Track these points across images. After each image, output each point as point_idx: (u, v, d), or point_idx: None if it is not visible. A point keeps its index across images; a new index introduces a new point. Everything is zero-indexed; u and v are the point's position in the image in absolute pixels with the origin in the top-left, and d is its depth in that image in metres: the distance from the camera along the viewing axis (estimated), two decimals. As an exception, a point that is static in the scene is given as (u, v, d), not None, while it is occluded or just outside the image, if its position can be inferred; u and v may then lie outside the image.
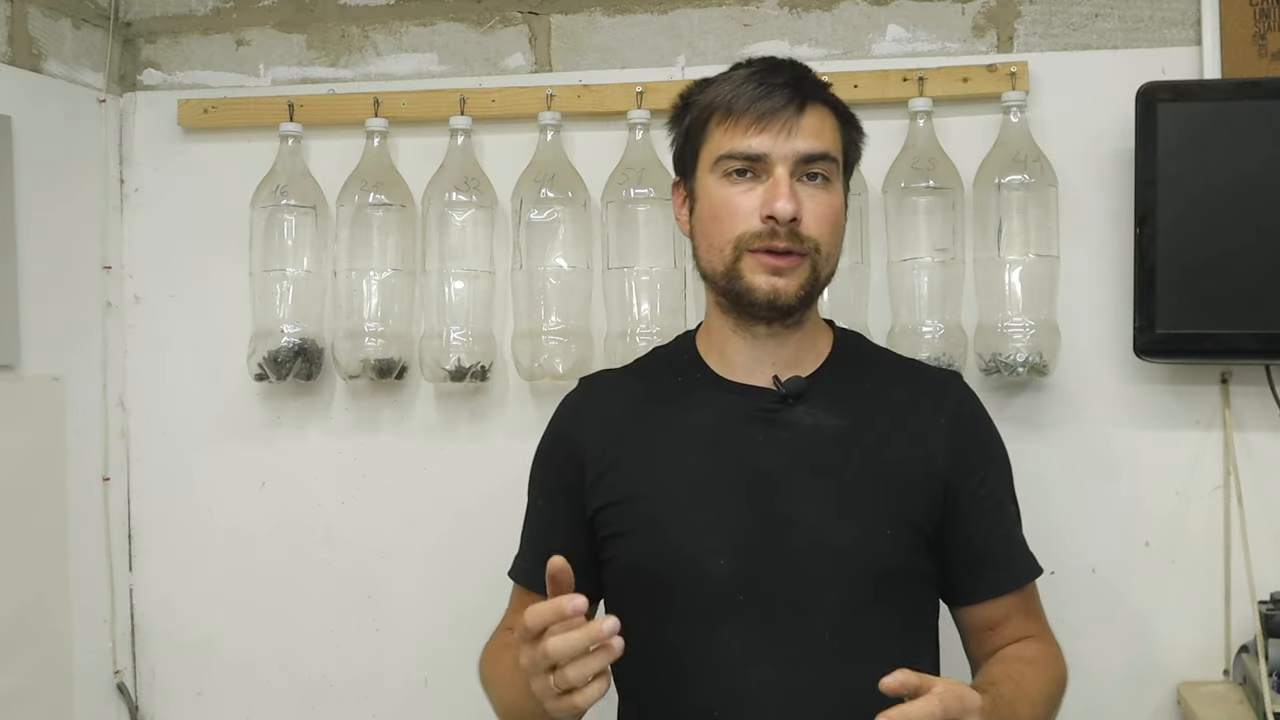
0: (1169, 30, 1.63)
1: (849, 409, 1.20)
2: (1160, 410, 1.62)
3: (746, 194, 1.16)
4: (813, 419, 1.19)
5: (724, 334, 1.23)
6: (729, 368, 1.23)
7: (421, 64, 1.81)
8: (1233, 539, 1.59)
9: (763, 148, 1.15)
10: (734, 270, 1.17)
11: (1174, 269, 1.52)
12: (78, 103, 1.79)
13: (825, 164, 1.17)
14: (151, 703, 1.86)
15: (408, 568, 1.79)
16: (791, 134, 1.15)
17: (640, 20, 1.76)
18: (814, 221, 1.16)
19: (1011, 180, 1.58)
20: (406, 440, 1.79)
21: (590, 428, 1.26)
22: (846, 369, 1.25)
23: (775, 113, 1.15)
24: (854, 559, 1.15)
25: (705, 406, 1.21)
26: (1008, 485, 1.27)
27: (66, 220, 1.76)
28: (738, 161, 1.17)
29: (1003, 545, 1.24)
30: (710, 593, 1.14)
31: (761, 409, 1.20)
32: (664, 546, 1.17)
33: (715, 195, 1.18)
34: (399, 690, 1.79)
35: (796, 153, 1.15)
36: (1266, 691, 1.43)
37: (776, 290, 1.16)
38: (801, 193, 1.16)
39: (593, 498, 1.22)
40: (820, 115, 1.18)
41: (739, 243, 1.16)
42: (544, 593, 1.23)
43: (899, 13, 1.69)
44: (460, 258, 1.70)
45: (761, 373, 1.22)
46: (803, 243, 1.16)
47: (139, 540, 1.86)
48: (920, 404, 1.23)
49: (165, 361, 1.85)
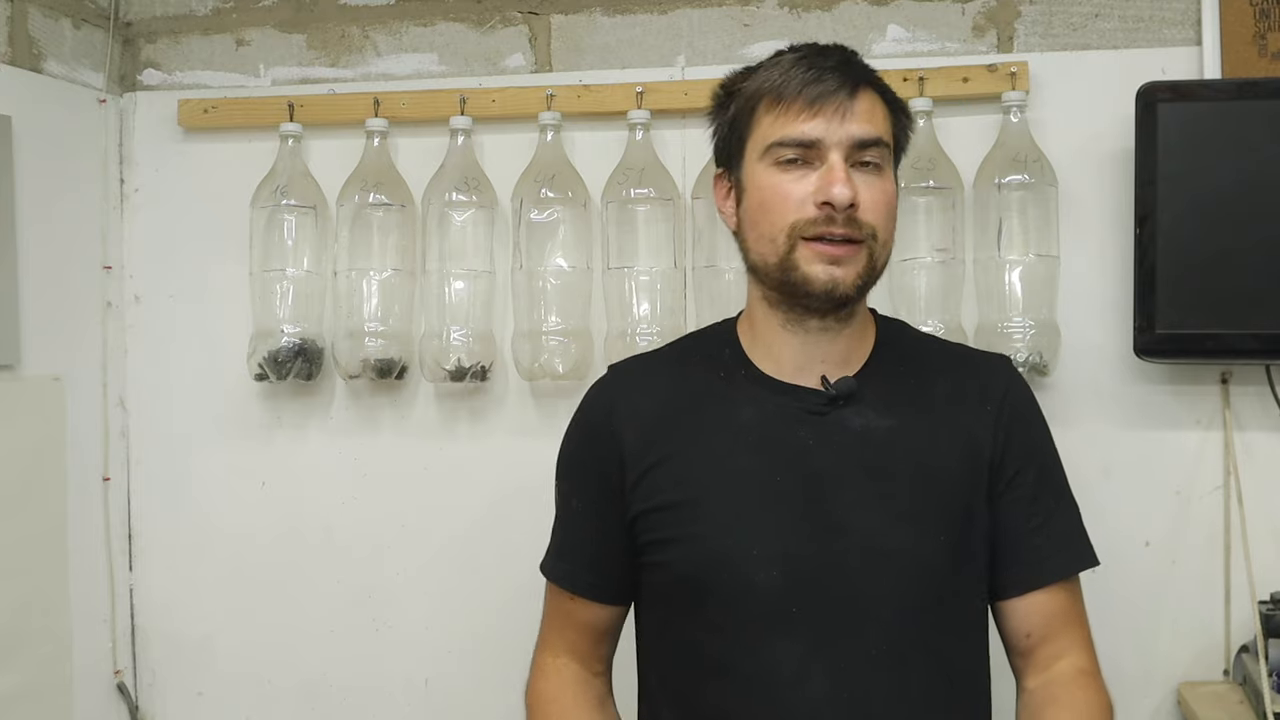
0: (1169, 30, 1.63)
1: (896, 408, 1.16)
2: (1160, 410, 1.62)
3: (799, 181, 1.11)
4: (862, 420, 1.14)
5: (771, 329, 1.18)
6: (776, 365, 1.18)
7: (421, 64, 1.81)
8: (1233, 539, 1.59)
9: (816, 133, 1.10)
10: (789, 261, 1.11)
11: (1174, 269, 1.52)
12: (78, 103, 1.79)
13: (878, 150, 1.13)
14: (151, 703, 1.86)
15: (408, 568, 1.79)
16: (845, 118, 1.10)
17: (640, 20, 1.76)
18: (870, 208, 1.11)
19: (1011, 180, 1.58)
20: (406, 440, 1.79)
21: (627, 420, 1.19)
22: (892, 364, 1.20)
23: (828, 96, 1.10)
24: (908, 567, 1.10)
25: (752, 405, 1.16)
26: (1049, 476, 1.21)
27: (66, 220, 1.76)
28: (790, 149, 1.11)
29: (1034, 539, 1.17)
30: (763, 605, 1.10)
31: (810, 410, 1.14)
32: (714, 556, 1.12)
33: (766, 184, 1.13)
34: (399, 690, 1.79)
35: (851, 138, 1.10)
36: (1266, 691, 1.43)
37: (835, 280, 1.10)
38: (856, 179, 1.11)
39: (636, 499, 1.17)
40: (872, 100, 1.14)
41: (793, 231, 1.10)
42: (588, 596, 1.23)
43: (899, 13, 1.69)
44: (460, 258, 1.70)
45: (810, 370, 1.16)
46: (860, 229, 1.10)
47: (139, 540, 1.86)
48: (967, 394, 1.19)
49: (165, 361, 1.85)
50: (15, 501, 1.64)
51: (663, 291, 1.66)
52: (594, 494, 1.21)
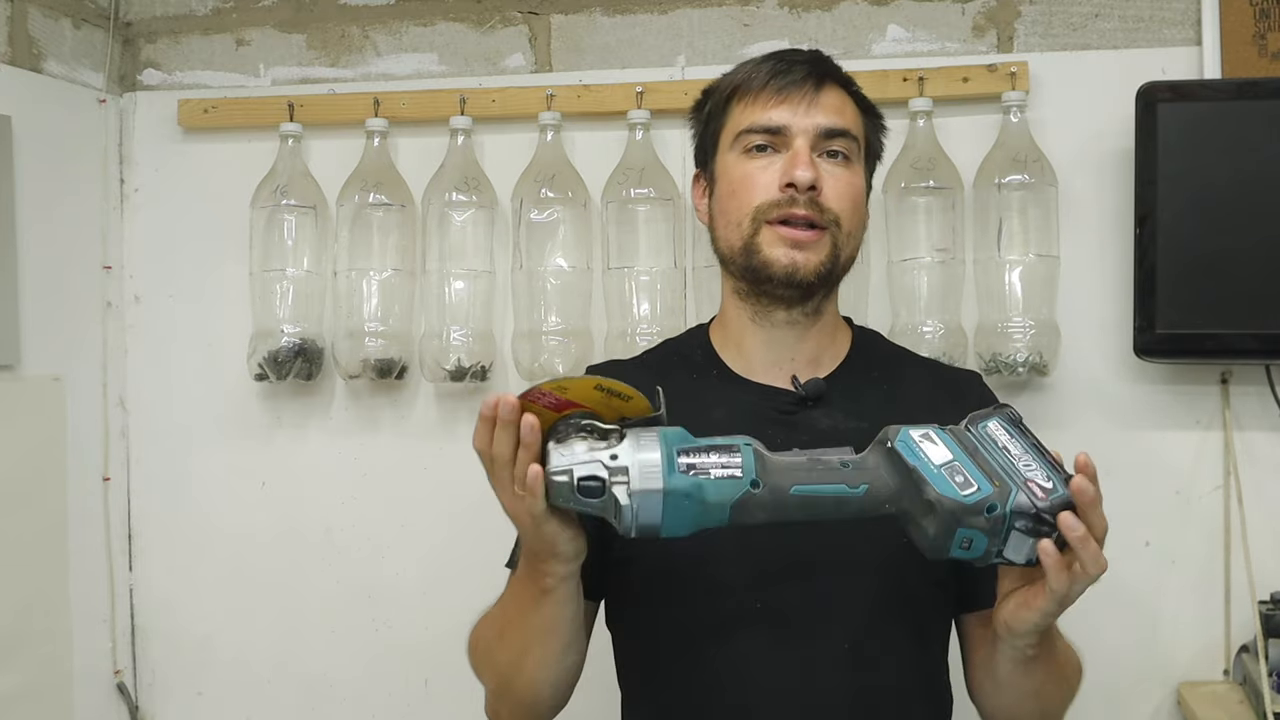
0: (1169, 30, 1.63)
1: (867, 412, 1.17)
2: (1160, 410, 1.62)
3: (766, 169, 1.15)
4: (830, 422, 1.16)
5: (741, 325, 1.21)
6: (746, 363, 1.20)
7: (421, 64, 1.81)
8: (1233, 539, 1.59)
9: (782, 119, 1.14)
10: (752, 244, 1.14)
11: (1174, 269, 1.52)
12: (78, 103, 1.79)
13: (846, 141, 1.16)
14: (151, 703, 1.86)
15: (408, 568, 1.79)
16: (811, 107, 1.15)
17: (640, 20, 1.76)
18: (834, 195, 1.14)
19: (1011, 180, 1.58)
20: (406, 440, 1.79)
21: None
22: (865, 370, 1.22)
23: (794, 86, 1.15)
24: (872, 569, 1.12)
25: (721, 406, 1.17)
26: None
27: (66, 220, 1.76)
28: (758, 135, 1.15)
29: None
30: (727, 601, 1.12)
31: (779, 410, 1.17)
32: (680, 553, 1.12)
33: (735, 172, 1.17)
34: (399, 690, 1.79)
35: (817, 126, 1.15)
36: (1266, 691, 1.43)
37: (795, 264, 1.13)
38: (822, 167, 1.14)
39: None
40: (840, 96, 1.18)
41: (757, 214, 1.14)
42: None
43: (899, 13, 1.69)
44: (460, 258, 1.70)
45: (779, 370, 1.19)
46: (823, 213, 1.13)
47: (139, 540, 1.86)
48: (939, 406, 1.18)
49: (165, 361, 1.85)
50: (15, 501, 1.64)
51: (663, 291, 1.66)
52: None
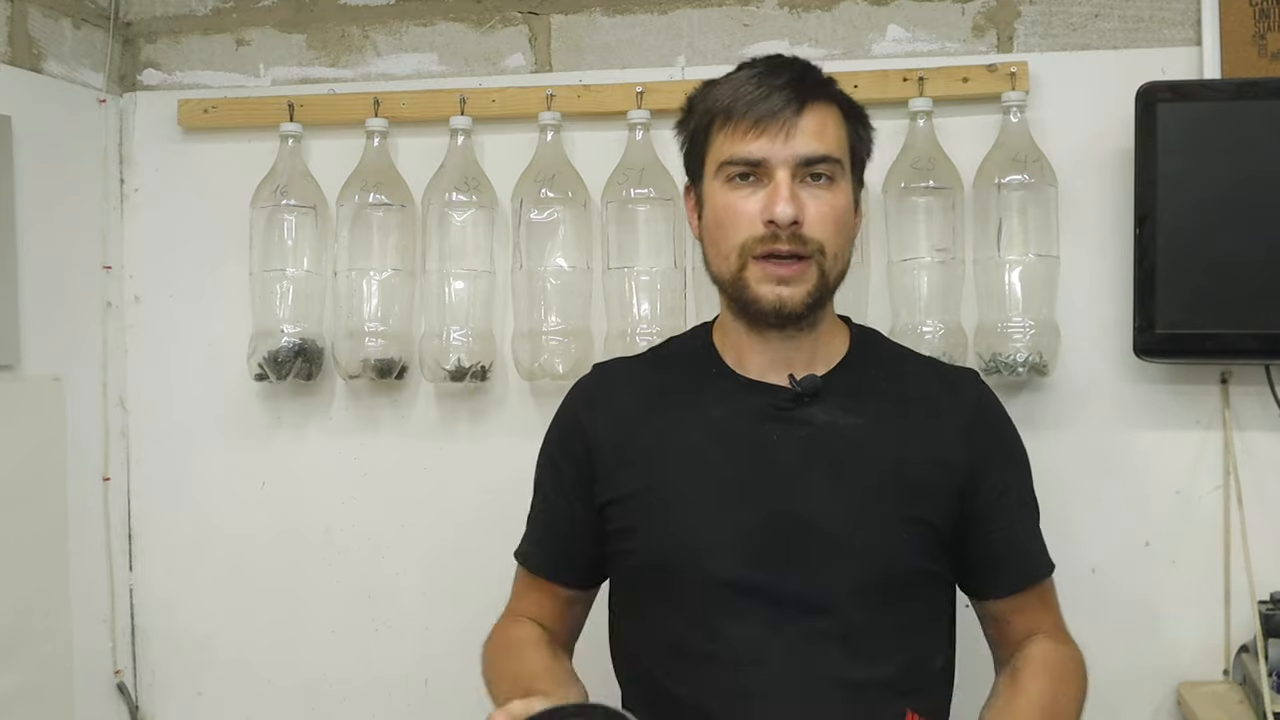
0: (1169, 30, 1.63)
1: (865, 408, 1.20)
2: (1160, 410, 1.62)
3: (749, 199, 1.16)
4: (828, 417, 1.19)
5: (738, 334, 1.23)
6: (745, 366, 1.23)
7: (421, 64, 1.81)
8: (1233, 539, 1.59)
9: (761, 152, 1.15)
10: (740, 279, 1.17)
11: (1174, 269, 1.52)
12: (78, 103, 1.79)
13: (828, 165, 1.17)
14: (151, 703, 1.86)
15: (408, 568, 1.79)
16: (790, 137, 1.15)
17: (640, 20, 1.76)
18: (817, 223, 1.15)
19: (1011, 180, 1.58)
20: (406, 440, 1.79)
21: (603, 418, 1.25)
22: (863, 368, 1.24)
23: (773, 116, 1.15)
24: (867, 560, 1.15)
25: (721, 403, 1.21)
26: (1027, 483, 1.27)
27: (66, 220, 1.76)
28: (739, 167, 1.16)
29: (1022, 543, 1.25)
30: (722, 590, 1.14)
31: (777, 407, 1.19)
32: (676, 543, 1.17)
33: (719, 201, 1.18)
34: (399, 690, 1.79)
35: (796, 156, 1.15)
36: (1266, 691, 1.43)
37: (782, 300, 1.16)
38: (804, 194, 1.15)
39: (604, 490, 1.22)
40: (821, 115, 1.17)
41: (743, 250, 1.16)
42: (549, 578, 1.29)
43: (899, 13, 1.69)
44: (460, 258, 1.70)
45: (778, 370, 1.21)
46: (806, 245, 1.15)
47: (139, 540, 1.86)
48: (938, 402, 1.23)
49: (165, 361, 1.85)
50: (15, 501, 1.64)
51: (663, 291, 1.66)
52: (568, 484, 1.27)
